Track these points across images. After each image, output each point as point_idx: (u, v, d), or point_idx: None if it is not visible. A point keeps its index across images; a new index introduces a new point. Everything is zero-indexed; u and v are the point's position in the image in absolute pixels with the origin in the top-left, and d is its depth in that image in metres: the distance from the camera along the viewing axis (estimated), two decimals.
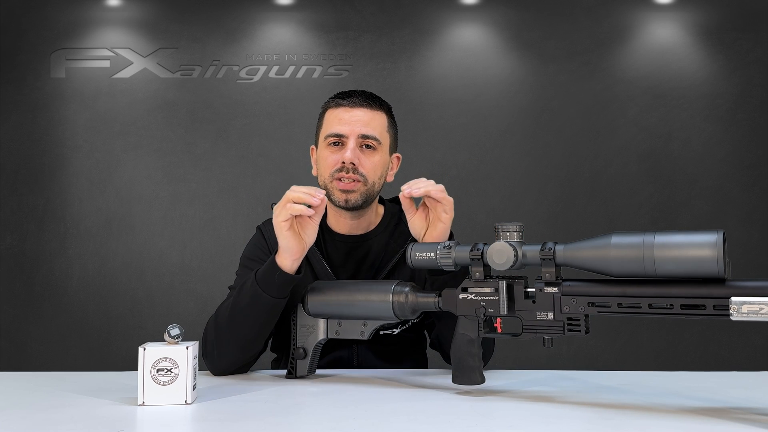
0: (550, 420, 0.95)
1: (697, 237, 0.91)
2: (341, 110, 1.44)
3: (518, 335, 1.09)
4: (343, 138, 1.42)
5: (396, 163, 1.54)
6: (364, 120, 1.42)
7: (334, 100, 1.47)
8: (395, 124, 1.52)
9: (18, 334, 3.05)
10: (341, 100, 1.45)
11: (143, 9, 3.17)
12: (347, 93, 1.47)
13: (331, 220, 1.52)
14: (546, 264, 1.04)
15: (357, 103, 1.43)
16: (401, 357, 1.50)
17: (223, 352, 1.32)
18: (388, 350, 1.47)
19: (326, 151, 1.44)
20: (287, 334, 1.36)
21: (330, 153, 1.43)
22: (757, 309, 0.85)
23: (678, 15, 3.14)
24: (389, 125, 1.48)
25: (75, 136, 3.12)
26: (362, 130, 1.42)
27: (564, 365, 2.85)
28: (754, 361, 2.98)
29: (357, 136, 1.41)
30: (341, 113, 1.43)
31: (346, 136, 1.42)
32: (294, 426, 0.95)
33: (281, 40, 3.18)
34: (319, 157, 1.47)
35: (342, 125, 1.42)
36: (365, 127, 1.42)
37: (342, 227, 1.50)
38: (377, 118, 1.44)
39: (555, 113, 3.13)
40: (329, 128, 1.44)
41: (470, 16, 3.18)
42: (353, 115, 1.42)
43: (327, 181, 1.44)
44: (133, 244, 3.07)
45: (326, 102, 1.50)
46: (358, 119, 1.42)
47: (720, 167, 3.10)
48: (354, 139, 1.41)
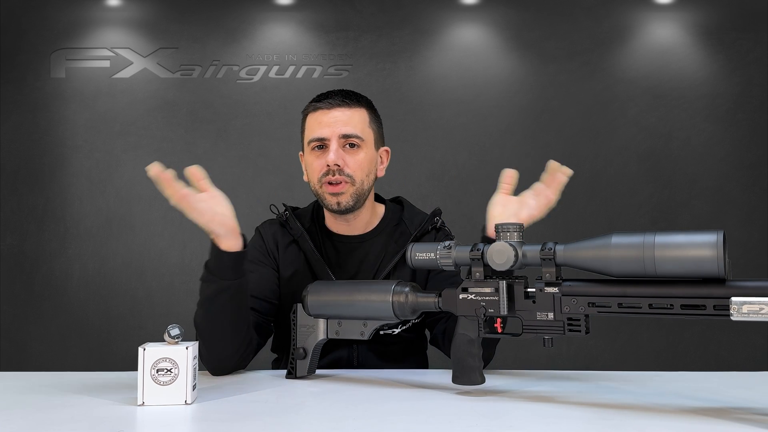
0: (550, 420, 0.95)
1: (697, 237, 0.91)
2: (319, 113, 1.43)
3: (518, 335, 1.09)
4: (325, 141, 1.41)
5: (385, 157, 1.52)
6: (343, 119, 1.41)
7: (312, 104, 1.46)
8: (378, 118, 1.50)
9: (18, 334, 3.05)
10: (318, 103, 1.44)
11: (143, 9, 3.17)
12: (324, 95, 1.45)
13: (328, 221, 1.52)
14: (546, 264, 1.03)
15: (334, 104, 1.42)
16: (401, 357, 1.50)
17: (211, 350, 1.30)
18: (389, 350, 1.47)
19: (311, 156, 1.44)
20: (287, 334, 1.36)
21: (315, 158, 1.43)
22: (757, 309, 0.85)
23: (678, 15, 3.14)
24: (371, 120, 1.46)
25: (75, 136, 3.12)
26: (342, 130, 1.40)
27: (564, 365, 2.85)
28: (754, 361, 2.98)
29: (338, 137, 1.40)
30: (320, 116, 1.42)
31: (328, 138, 1.41)
32: (294, 426, 0.95)
33: (281, 40, 3.18)
34: (306, 164, 1.46)
35: (322, 128, 1.41)
36: (345, 126, 1.41)
37: (339, 228, 1.50)
38: (356, 115, 1.43)
39: (555, 113, 3.13)
40: (311, 133, 1.43)
41: (470, 16, 3.18)
42: (332, 116, 1.41)
43: (317, 187, 1.43)
44: (133, 244, 3.08)
45: (305, 107, 1.48)
46: (336, 120, 1.41)
47: (720, 167, 3.10)
48: (335, 140, 1.40)
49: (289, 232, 1.49)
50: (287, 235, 1.49)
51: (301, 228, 1.48)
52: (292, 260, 1.48)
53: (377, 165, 1.49)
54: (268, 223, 1.54)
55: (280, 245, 1.49)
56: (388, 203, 1.57)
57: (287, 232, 1.49)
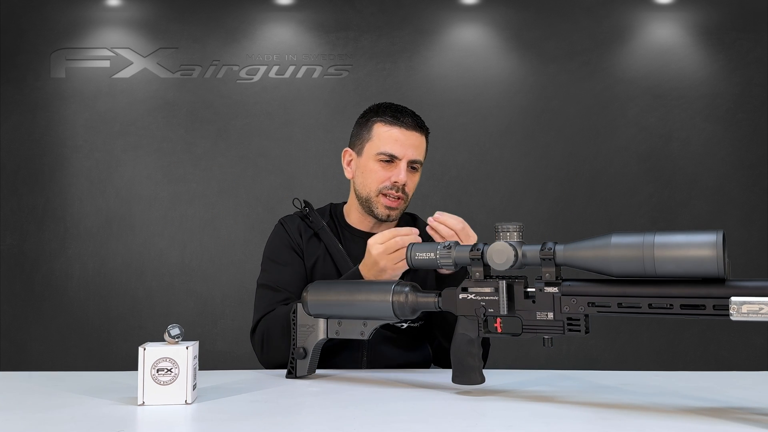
0: (550, 420, 0.95)
1: (697, 237, 0.91)
2: (396, 130, 1.49)
3: (518, 335, 1.09)
4: (396, 159, 1.49)
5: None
6: (415, 144, 1.50)
7: (386, 117, 1.51)
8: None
9: (18, 334, 3.05)
10: (395, 120, 1.50)
11: (143, 9, 3.17)
12: (399, 111, 1.51)
13: (352, 218, 1.59)
14: (546, 264, 1.04)
15: (411, 126, 1.50)
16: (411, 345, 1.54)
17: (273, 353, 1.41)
18: (399, 338, 1.51)
19: (376, 165, 1.50)
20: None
21: (380, 168, 1.49)
22: (757, 309, 0.85)
23: (678, 15, 3.14)
24: (426, 148, 1.56)
25: (75, 136, 3.12)
26: (413, 155, 1.50)
27: (564, 365, 2.85)
28: (754, 361, 2.98)
29: (408, 160, 1.49)
30: (396, 134, 1.49)
31: (400, 158, 1.48)
32: (294, 426, 0.95)
33: (281, 40, 3.18)
34: (366, 169, 1.52)
35: (396, 147, 1.48)
36: (416, 151, 1.50)
37: (363, 226, 1.58)
38: (423, 144, 1.53)
39: (555, 113, 3.12)
40: (383, 146, 1.49)
41: (470, 16, 3.18)
42: (408, 137, 1.49)
43: (372, 194, 1.51)
44: (133, 244, 3.07)
45: (374, 112, 1.54)
46: (411, 143, 1.49)
47: (720, 167, 3.10)
48: (405, 161, 1.49)
49: (309, 226, 1.56)
50: (308, 228, 1.56)
51: (322, 221, 1.55)
52: (313, 251, 1.54)
53: None
54: (289, 217, 1.60)
55: (303, 237, 1.55)
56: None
57: (308, 225, 1.56)
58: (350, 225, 1.59)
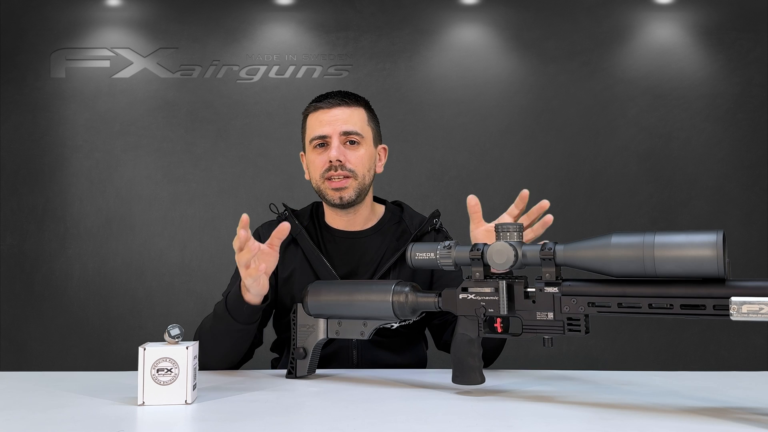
0: (550, 420, 0.95)
1: (697, 237, 0.91)
2: (320, 113, 1.49)
3: (518, 335, 1.09)
4: (326, 138, 1.48)
5: (383, 154, 1.59)
6: (343, 118, 1.48)
7: (312, 105, 1.52)
8: (375, 117, 1.57)
9: (18, 334, 3.05)
10: (318, 103, 1.50)
11: (143, 9, 3.17)
12: (323, 95, 1.52)
13: (328, 217, 1.56)
14: (546, 264, 1.04)
15: (334, 103, 1.49)
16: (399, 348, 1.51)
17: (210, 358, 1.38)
18: (389, 342, 1.49)
19: (313, 154, 1.50)
20: (287, 333, 1.37)
21: (317, 155, 1.49)
22: (757, 309, 0.85)
23: (678, 15, 3.14)
24: (369, 119, 1.53)
25: (75, 136, 3.12)
26: (343, 127, 1.47)
27: (564, 365, 2.85)
28: (754, 361, 2.98)
29: (339, 134, 1.47)
30: (321, 115, 1.49)
31: (329, 135, 1.47)
32: (294, 426, 0.95)
33: (281, 40, 3.18)
34: (308, 162, 1.52)
35: (323, 126, 1.48)
36: (345, 124, 1.47)
37: (339, 223, 1.55)
38: (356, 114, 1.50)
39: (555, 113, 3.12)
40: (312, 132, 1.49)
41: (470, 16, 3.18)
42: (332, 114, 1.48)
43: (319, 182, 1.49)
44: (133, 244, 3.07)
45: (305, 108, 1.55)
46: (337, 118, 1.48)
47: (720, 167, 3.10)
48: (337, 137, 1.47)
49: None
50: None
51: (299, 226, 1.52)
52: (290, 259, 1.51)
53: (376, 161, 1.55)
54: (267, 224, 1.58)
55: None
56: (388, 204, 1.61)
57: None
58: (329, 225, 1.56)
